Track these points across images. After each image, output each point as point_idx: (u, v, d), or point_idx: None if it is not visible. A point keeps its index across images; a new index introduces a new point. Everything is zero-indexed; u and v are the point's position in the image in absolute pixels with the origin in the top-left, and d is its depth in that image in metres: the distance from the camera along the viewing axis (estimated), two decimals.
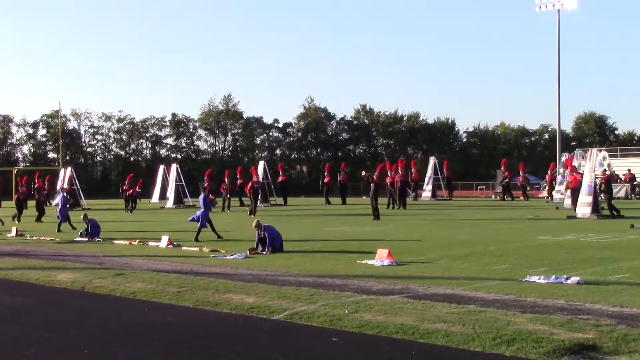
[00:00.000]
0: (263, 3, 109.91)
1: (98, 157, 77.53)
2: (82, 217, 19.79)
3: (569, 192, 27.08)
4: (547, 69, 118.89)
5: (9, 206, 43.15)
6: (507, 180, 39.16)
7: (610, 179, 23.61)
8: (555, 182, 36.58)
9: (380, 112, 76.46)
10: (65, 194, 23.12)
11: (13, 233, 20.84)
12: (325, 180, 39.18)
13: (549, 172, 38.30)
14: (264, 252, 14.46)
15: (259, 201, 37.71)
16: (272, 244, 14.65)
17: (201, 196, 18.41)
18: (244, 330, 7.77)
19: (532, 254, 13.32)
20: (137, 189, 35.85)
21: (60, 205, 22.94)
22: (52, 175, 45.10)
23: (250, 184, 30.87)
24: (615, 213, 23.03)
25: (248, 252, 14.41)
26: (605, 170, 24.11)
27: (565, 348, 6.28)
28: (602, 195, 23.47)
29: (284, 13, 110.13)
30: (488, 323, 7.20)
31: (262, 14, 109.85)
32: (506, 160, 41.17)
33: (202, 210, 17.90)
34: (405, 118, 75.83)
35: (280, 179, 41.17)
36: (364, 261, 12.57)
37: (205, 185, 29.04)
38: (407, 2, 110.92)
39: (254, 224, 15.03)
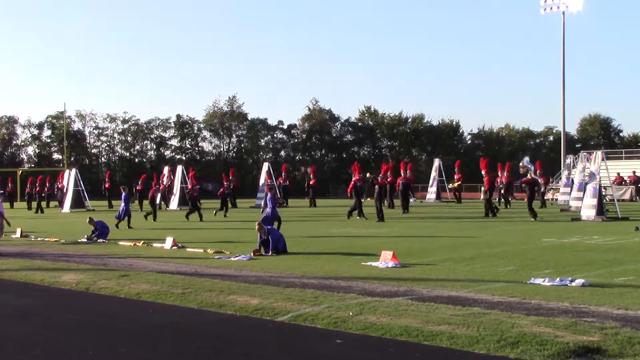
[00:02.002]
0: (268, 4, 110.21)
1: (103, 159, 77.62)
2: (87, 220, 19.78)
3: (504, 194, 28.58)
4: (552, 70, 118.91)
5: (21, 207, 43.29)
6: (459, 182, 39.25)
7: (532, 182, 24.80)
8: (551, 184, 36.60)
9: (384, 113, 76.50)
10: (126, 192, 23.48)
11: (18, 234, 20.83)
12: (310, 183, 39.36)
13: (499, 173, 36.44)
14: (268, 254, 14.48)
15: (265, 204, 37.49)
16: (276, 246, 14.67)
17: (268, 196, 19.00)
18: (248, 331, 7.78)
19: (536, 256, 13.30)
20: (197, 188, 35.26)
21: (123, 203, 23.26)
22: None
23: (352, 183, 27.07)
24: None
25: (252, 253, 14.43)
26: (528, 172, 25.43)
27: (569, 351, 6.27)
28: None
29: (289, 14, 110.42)
30: (492, 325, 7.20)
31: (267, 15, 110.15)
32: (459, 163, 41.24)
33: (269, 209, 18.40)
34: (409, 120, 75.79)
35: (280, 180, 41.32)
36: (369, 263, 12.57)
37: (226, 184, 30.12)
38: (412, 4, 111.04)
39: (256, 227, 15.05)
